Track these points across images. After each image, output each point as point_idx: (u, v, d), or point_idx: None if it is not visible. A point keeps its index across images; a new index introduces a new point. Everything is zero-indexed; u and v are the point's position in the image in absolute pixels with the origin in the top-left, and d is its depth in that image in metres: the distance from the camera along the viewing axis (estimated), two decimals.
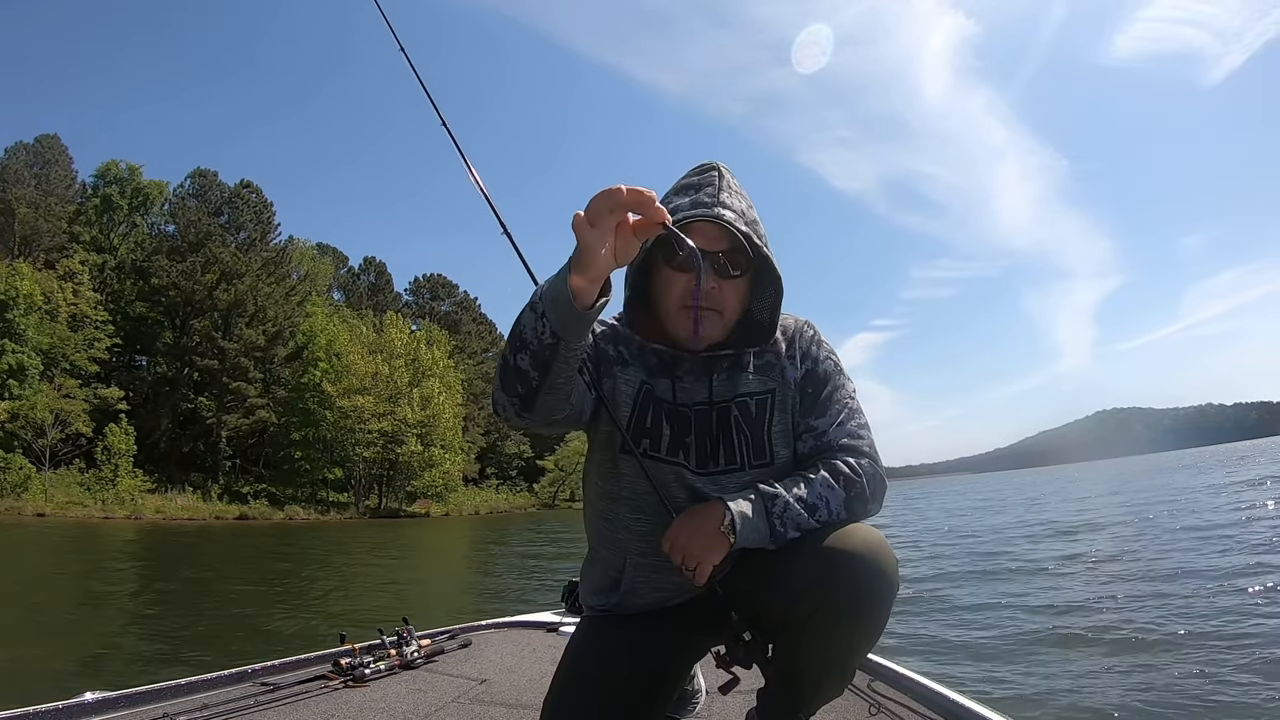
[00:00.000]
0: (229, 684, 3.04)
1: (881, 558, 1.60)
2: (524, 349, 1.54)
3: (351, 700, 2.94)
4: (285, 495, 54.39)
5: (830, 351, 1.99)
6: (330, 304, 69.94)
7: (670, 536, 1.70)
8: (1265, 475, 28.03)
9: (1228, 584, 8.52)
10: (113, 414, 46.53)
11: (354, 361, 57.11)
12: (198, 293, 55.28)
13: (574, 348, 1.54)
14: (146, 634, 8.90)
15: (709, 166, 1.87)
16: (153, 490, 46.30)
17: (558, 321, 1.47)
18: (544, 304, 1.49)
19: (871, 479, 1.78)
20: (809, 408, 1.91)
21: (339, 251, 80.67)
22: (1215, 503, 19.90)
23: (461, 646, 3.90)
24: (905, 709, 2.68)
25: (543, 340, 1.51)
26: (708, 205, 1.75)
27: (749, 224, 1.77)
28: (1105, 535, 15.46)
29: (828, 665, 1.75)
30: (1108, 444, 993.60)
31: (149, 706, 2.73)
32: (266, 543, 28.11)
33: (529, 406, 1.62)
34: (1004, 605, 8.77)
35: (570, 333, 1.49)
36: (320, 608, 11.14)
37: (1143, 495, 26.18)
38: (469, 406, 69.31)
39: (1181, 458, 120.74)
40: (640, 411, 1.90)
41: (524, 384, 1.58)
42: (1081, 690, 5.48)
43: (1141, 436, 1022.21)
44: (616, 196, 1.32)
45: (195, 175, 62.31)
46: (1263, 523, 14.14)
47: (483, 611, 6.86)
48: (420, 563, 20.85)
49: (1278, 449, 76.73)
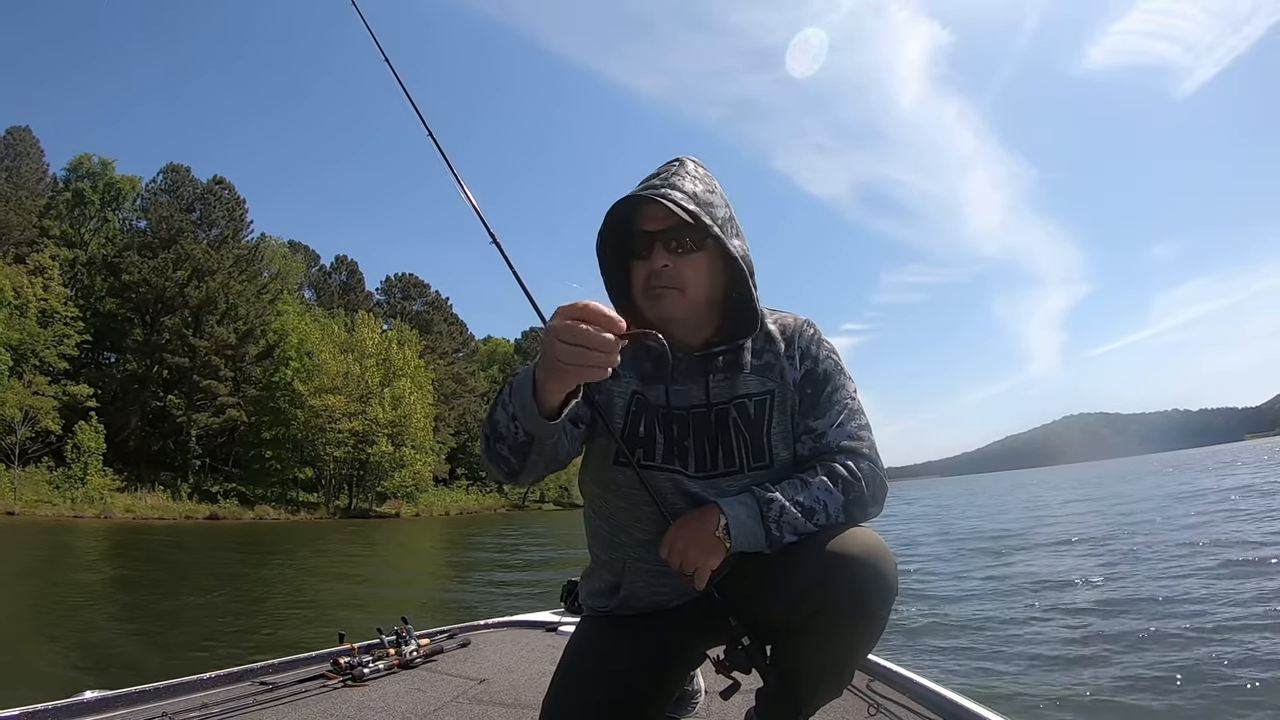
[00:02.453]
0: (228, 683, 3.05)
1: (881, 561, 1.61)
2: (500, 441, 1.59)
3: (350, 700, 2.94)
4: (255, 495, 54.19)
5: (831, 350, 1.97)
6: (302, 303, 69.49)
7: (668, 543, 1.71)
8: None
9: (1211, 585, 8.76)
10: (82, 411, 46.19)
11: (325, 361, 57.08)
12: (169, 289, 54.72)
13: (549, 440, 1.58)
14: (119, 636, 8.96)
15: (673, 159, 1.87)
16: (122, 489, 46.09)
17: (528, 424, 1.51)
18: (514, 406, 1.53)
19: (871, 482, 1.79)
20: (809, 408, 1.90)
21: (310, 250, 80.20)
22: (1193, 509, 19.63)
23: (460, 646, 3.90)
24: (904, 709, 2.69)
25: (516, 438, 1.56)
26: (656, 187, 1.75)
27: (701, 205, 1.75)
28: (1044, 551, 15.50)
29: (827, 668, 1.77)
30: (1076, 448, 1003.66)
31: (148, 705, 2.74)
32: (239, 543, 28.14)
33: (515, 478, 1.69)
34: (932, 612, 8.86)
35: (542, 433, 1.53)
36: (295, 612, 11.19)
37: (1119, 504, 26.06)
38: (440, 407, 69.46)
39: (1149, 462, 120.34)
40: (633, 421, 1.89)
41: (506, 465, 1.63)
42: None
43: (1109, 441, 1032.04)
44: (589, 340, 1.28)
45: (168, 170, 61.51)
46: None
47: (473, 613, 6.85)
48: (398, 564, 21.01)
49: (1250, 454, 77.27)
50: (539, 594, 12.52)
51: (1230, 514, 17.14)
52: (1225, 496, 21.91)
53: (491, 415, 1.61)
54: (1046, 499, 36.82)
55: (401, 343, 65.01)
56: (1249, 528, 14.06)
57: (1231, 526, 14.57)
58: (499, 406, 1.59)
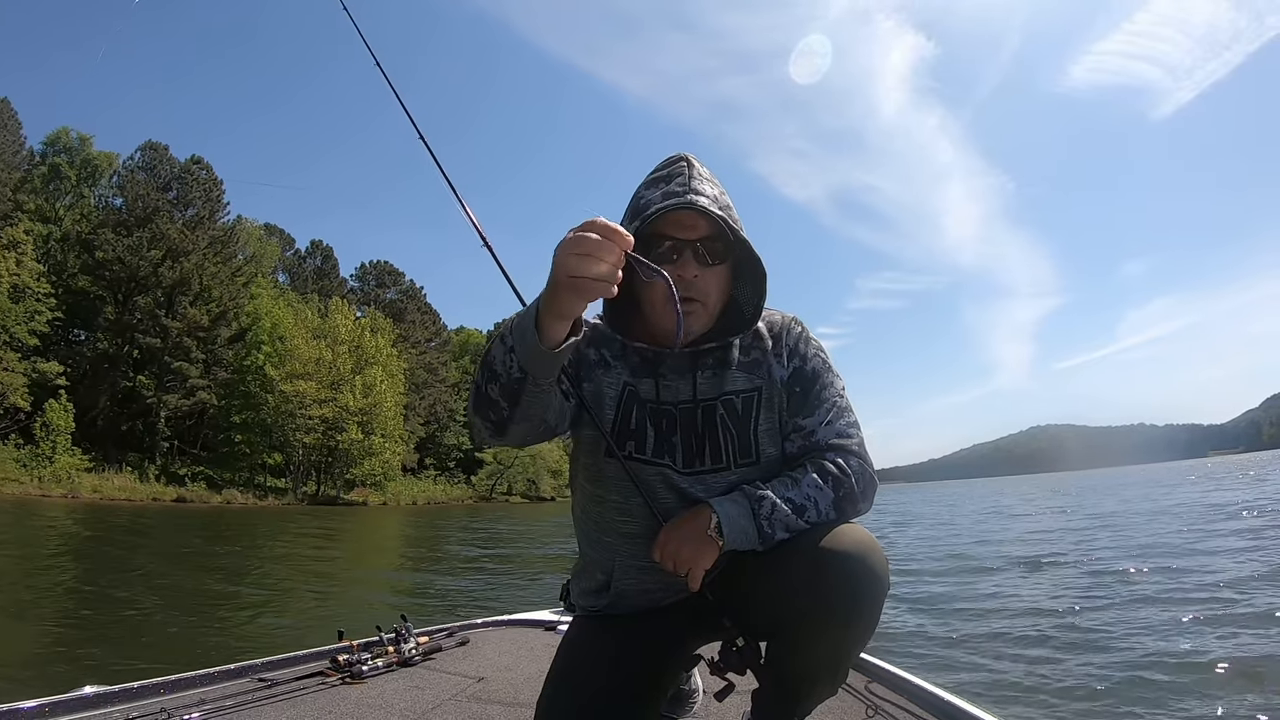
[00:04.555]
0: (227, 679, 3.06)
1: (872, 558, 1.61)
2: (494, 380, 1.56)
3: (349, 697, 2.95)
4: (223, 479, 53.90)
5: (819, 348, 1.97)
6: (275, 286, 68.91)
7: (660, 544, 1.72)
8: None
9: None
10: (51, 389, 45.89)
11: (297, 346, 56.92)
12: (142, 268, 54.14)
13: (543, 383, 1.55)
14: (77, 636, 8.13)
15: (677, 158, 1.86)
16: (90, 469, 45.71)
17: (525, 358, 1.49)
18: (513, 338, 1.51)
19: (861, 478, 1.79)
20: (797, 406, 1.90)
21: (286, 233, 79.50)
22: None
23: (459, 644, 3.91)
24: (902, 710, 2.69)
25: (511, 374, 1.53)
26: (679, 194, 1.74)
27: (723, 209, 1.75)
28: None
29: (821, 666, 1.75)
30: (1041, 459, 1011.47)
31: (147, 701, 2.75)
32: (207, 527, 27.83)
33: (502, 432, 1.65)
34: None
35: (538, 370, 1.51)
36: (266, 608, 10.79)
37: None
38: (410, 396, 69.44)
39: (1129, 474, 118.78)
40: (624, 414, 1.89)
41: (495, 412, 1.60)
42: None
43: (1074, 453, 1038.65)
44: (595, 250, 1.31)
45: (146, 148, 60.38)
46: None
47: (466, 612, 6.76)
48: (364, 558, 20.52)
49: (1222, 470, 75.74)
50: (520, 587, 12.69)
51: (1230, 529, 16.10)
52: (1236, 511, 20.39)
53: (487, 354, 1.59)
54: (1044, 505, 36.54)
55: (375, 330, 64.72)
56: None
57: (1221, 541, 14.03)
58: (497, 341, 1.57)
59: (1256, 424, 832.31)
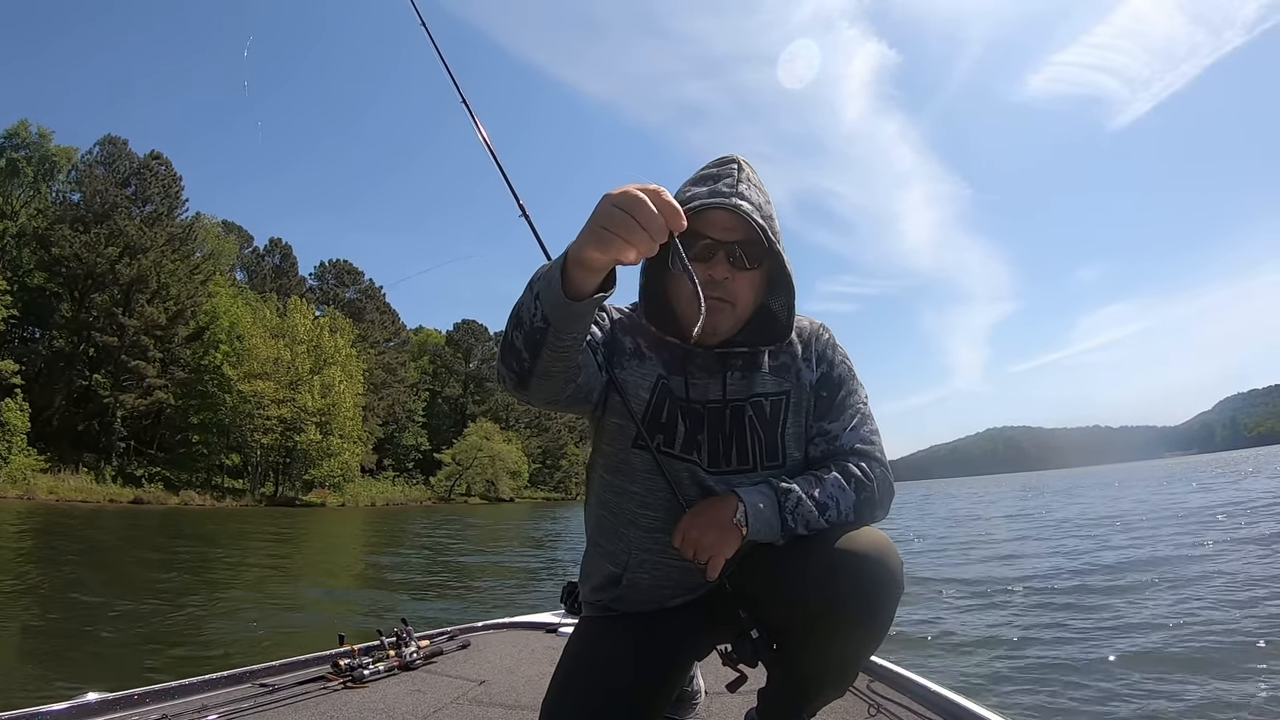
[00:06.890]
0: (228, 685, 3.06)
1: (889, 560, 1.61)
2: (519, 327, 1.53)
3: (350, 701, 2.94)
4: (181, 480, 53.61)
5: (845, 356, 2.00)
6: (233, 284, 68.25)
7: (682, 530, 1.71)
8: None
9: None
10: (6, 388, 45.42)
11: (256, 345, 56.63)
12: (99, 265, 53.53)
13: (565, 337, 1.50)
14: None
15: (729, 159, 1.85)
16: (45, 470, 45.31)
17: (549, 307, 1.45)
18: (539, 284, 1.48)
19: (881, 484, 1.81)
20: (823, 411, 1.92)
21: (244, 230, 78.64)
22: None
23: (460, 648, 3.90)
24: (905, 710, 2.68)
25: (534, 322, 1.49)
26: (725, 195, 1.74)
27: (765, 218, 1.76)
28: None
29: (832, 665, 1.77)
30: (998, 460, 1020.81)
31: (149, 707, 2.74)
32: (165, 529, 27.60)
33: (524, 385, 1.61)
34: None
35: (560, 320, 1.46)
36: (233, 607, 10.34)
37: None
38: (369, 396, 69.15)
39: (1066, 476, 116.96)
40: (656, 406, 1.88)
41: (518, 361, 1.57)
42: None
43: (1030, 454, 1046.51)
44: (652, 220, 1.27)
45: (105, 142, 59.82)
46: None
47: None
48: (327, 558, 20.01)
49: (1181, 470, 73.95)
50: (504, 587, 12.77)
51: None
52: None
53: (518, 302, 1.55)
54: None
55: (334, 330, 64.52)
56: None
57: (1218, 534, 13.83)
58: (527, 288, 1.53)
59: (1210, 426, 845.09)
